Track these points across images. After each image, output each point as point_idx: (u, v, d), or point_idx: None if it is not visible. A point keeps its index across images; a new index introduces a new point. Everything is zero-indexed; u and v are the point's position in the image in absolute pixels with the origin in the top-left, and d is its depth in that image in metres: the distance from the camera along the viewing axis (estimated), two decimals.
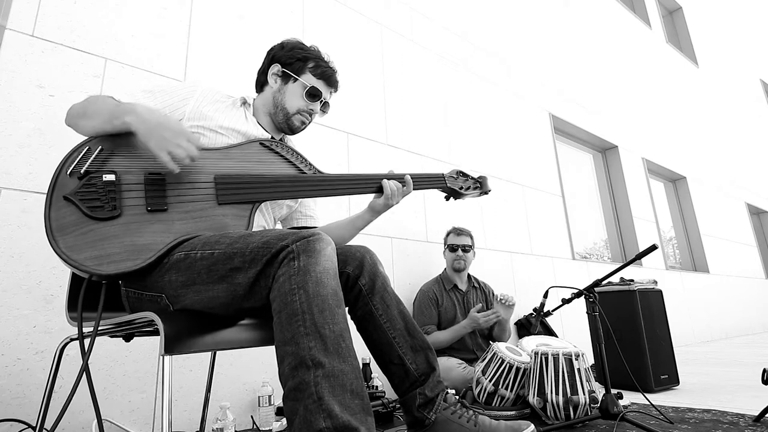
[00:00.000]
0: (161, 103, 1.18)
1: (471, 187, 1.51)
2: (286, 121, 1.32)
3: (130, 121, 1.01)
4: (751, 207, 8.05)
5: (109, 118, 1.03)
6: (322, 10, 2.81)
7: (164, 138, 1.00)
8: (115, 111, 1.04)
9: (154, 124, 1.01)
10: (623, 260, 4.99)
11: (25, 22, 1.73)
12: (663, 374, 2.44)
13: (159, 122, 1.02)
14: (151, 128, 1.01)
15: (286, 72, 1.32)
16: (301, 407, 0.78)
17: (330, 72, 1.34)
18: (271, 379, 1.93)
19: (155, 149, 1.00)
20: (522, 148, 4.00)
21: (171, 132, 1.01)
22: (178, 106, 1.19)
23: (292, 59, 1.32)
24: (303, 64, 1.32)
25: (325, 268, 0.89)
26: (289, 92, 1.31)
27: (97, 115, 1.05)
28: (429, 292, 2.54)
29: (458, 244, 2.58)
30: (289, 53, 1.32)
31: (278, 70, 1.33)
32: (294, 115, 1.31)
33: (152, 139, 1.00)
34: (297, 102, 1.31)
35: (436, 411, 1.21)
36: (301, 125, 1.33)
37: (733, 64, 9.19)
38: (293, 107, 1.31)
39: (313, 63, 1.32)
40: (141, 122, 1.01)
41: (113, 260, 0.94)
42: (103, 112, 1.05)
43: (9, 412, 1.44)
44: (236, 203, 1.10)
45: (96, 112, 1.06)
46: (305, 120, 1.33)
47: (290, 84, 1.31)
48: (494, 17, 4.23)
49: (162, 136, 1.00)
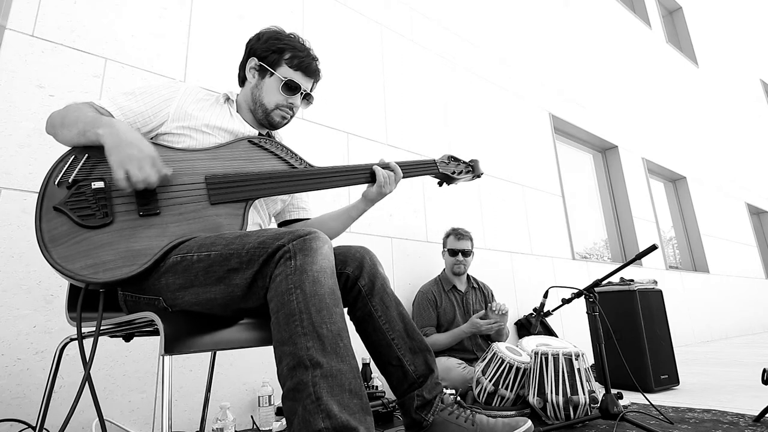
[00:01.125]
0: (143, 104, 1.15)
1: (463, 171, 1.52)
2: (265, 117, 1.28)
3: (102, 133, 0.99)
4: (751, 207, 8.05)
5: (83, 130, 1.02)
6: (322, 10, 2.81)
7: (128, 155, 0.97)
8: (91, 122, 1.02)
9: (124, 142, 0.98)
10: (623, 260, 4.99)
11: (25, 22, 1.73)
12: (663, 374, 2.44)
13: (130, 141, 0.99)
14: (118, 144, 0.98)
15: (263, 65, 1.27)
16: (299, 407, 0.78)
17: (308, 62, 1.28)
18: (271, 379, 1.93)
19: (113, 163, 0.97)
20: (522, 148, 4.00)
21: (139, 153, 0.98)
22: (162, 107, 1.17)
23: (267, 51, 1.27)
24: (279, 56, 1.26)
25: (322, 267, 0.89)
26: (266, 87, 1.27)
27: (74, 126, 1.03)
28: (428, 293, 2.53)
29: (458, 248, 2.56)
30: (265, 45, 1.27)
31: (255, 63, 1.28)
32: (273, 110, 1.27)
33: (114, 154, 0.97)
34: (275, 97, 1.26)
35: (434, 412, 1.21)
36: (282, 120, 1.30)
37: (733, 64, 9.18)
38: (271, 103, 1.26)
39: (289, 54, 1.26)
40: (112, 136, 0.99)
41: (109, 267, 0.94)
42: (79, 122, 1.03)
43: (9, 412, 1.44)
44: (229, 202, 1.09)
45: (73, 123, 1.04)
46: (286, 115, 1.29)
47: (267, 78, 1.27)
48: (494, 17, 4.23)
49: (127, 154, 0.97)
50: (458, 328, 2.37)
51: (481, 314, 2.34)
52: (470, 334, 2.35)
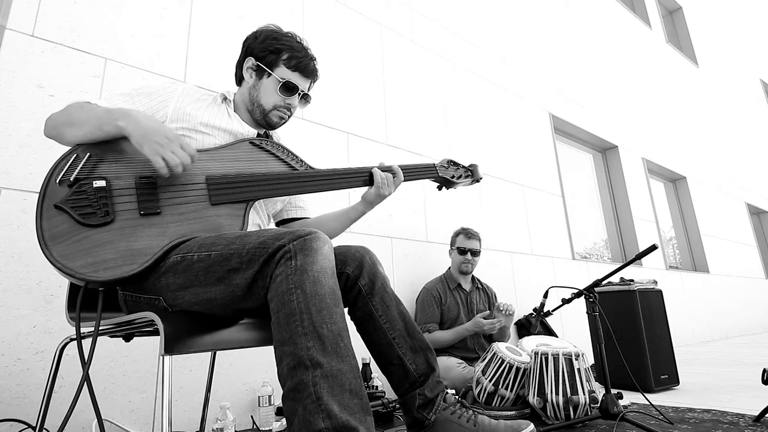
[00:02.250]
0: (141, 106, 1.15)
1: (462, 175, 1.53)
2: (263, 117, 1.28)
3: (123, 125, 1.00)
4: (751, 207, 8.05)
5: (99, 124, 1.02)
6: (322, 10, 2.81)
7: (158, 143, 0.99)
8: (106, 117, 1.02)
9: (150, 130, 1.00)
10: (623, 260, 4.99)
11: (25, 22, 1.73)
12: (663, 374, 2.44)
13: (154, 128, 1.01)
14: (145, 133, 1.00)
15: (260, 66, 1.26)
16: (300, 407, 0.78)
17: (305, 62, 1.28)
18: (271, 379, 1.93)
19: (149, 153, 0.99)
20: (522, 148, 4.00)
21: (165, 138, 1.00)
22: (159, 108, 1.17)
23: (264, 52, 1.26)
24: (276, 56, 1.26)
25: (323, 267, 0.89)
26: (263, 88, 1.27)
27: (86, 123, 1.03)
28: (432, 290, 2.55)
29: (468, 248, 2.59)
30: (262, 45, 1.27)
31: (252, 63, 1.28)
32: (271, 111, 1.27)
33: (146, 144, 0.99)
34: (272, 98, 1.26)
35: (436, 411, 1.21)
36: (279, 120, 1.30)
37: (733, 64, 9.19)
38: (269, 103, 1.27)
39: (287, 54, 1.26)
40: (135, 127, 1.00)
41: (109, 266, 0.94)
42: (92, 118, 1.03)
43: (9, 412, 1.44)
44: (230, 203, 1.10)
45: (84, 120, 1.04)
46: (283, 115, 1.29)
47: (264, 79, 1.27)
48: (494, 17, 4.23)
49: (156, 141, 0.99)
50: (462, 326, 2.40)
51: (486, 314, 2.37)
52: (473, 333, 2.37)
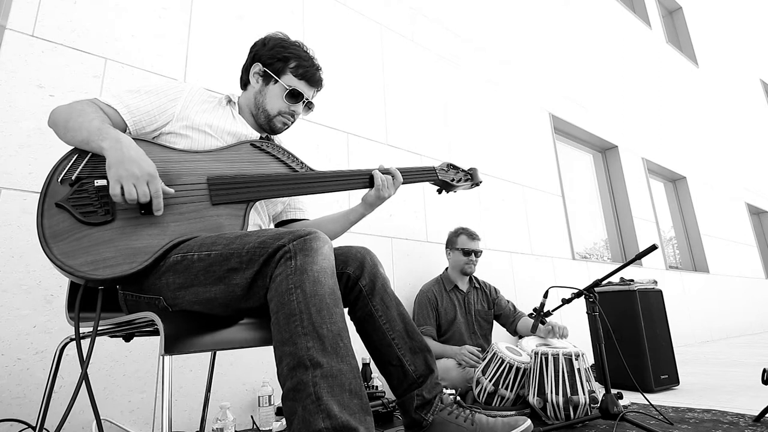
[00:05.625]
0: (149, 103, 1.16)
1: (462, 179, 1.53)
2: (267, 122, 1.31)
3: (106, 147, 0.99)
4: (751, 207, 8.04)
5: (87, 139, 1.02)
6: (322, 10, 2.81)
7: (128, 172, 0.96)
8: (96, 134, 1.01)
9: (127, 158, 0.97)
10: (623, 260, 4.99)
11: (25, 22, 1.73)
12: (663, 374, 2.44)
13: (132, 158, 0.97)
14: (121, 160, 0.97)
15: (267, 72, 1.30)
16: (299, 407, 0.78)
17: (312, 72, 1.31)
18: (271, 379, 1.93)
19: (111, 178, 0.96)
20: (522, 148, 4.00)
21: (138, 170, 0.97)
22: (168, 107, 1.18)
23: (272, 59, 1.29)
24: (284, 64, 1.29)
25: (323, 267, 0.89)
26: (269, 94, 1.30)
27: (78, 132, 1.03)
28: (428, 293, 2.53)
29: (472, 249, 2.58)
30: (270, 52, 1.30)
31: (259, 69, 1.31)
32: (275, 117, 1.30)
33: (113, 169, 0.96)
34: (278, 104, 1.29)
35: (434, 412, 1.21)
36: (283, 126, 1.33)
37: (733, 64, 9.19)
38: (274, 109, 1.30)
39: (294, 63, 1.29)
40: (115, 152, 0.98)
41: (109, 264, 0.94)
42: (83, 129, 1.03)
43: (9, 412, 1.44)
44: (230, 203, 1.10)
45: (77, 129, 1.03)
46: (287, 121, 1.32)
47: (271, 85, 1.30)
48: (494, 17, 4.23)
49: (126, 170, 0.96)
50: (449, 347, 2.31)
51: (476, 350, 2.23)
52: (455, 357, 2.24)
